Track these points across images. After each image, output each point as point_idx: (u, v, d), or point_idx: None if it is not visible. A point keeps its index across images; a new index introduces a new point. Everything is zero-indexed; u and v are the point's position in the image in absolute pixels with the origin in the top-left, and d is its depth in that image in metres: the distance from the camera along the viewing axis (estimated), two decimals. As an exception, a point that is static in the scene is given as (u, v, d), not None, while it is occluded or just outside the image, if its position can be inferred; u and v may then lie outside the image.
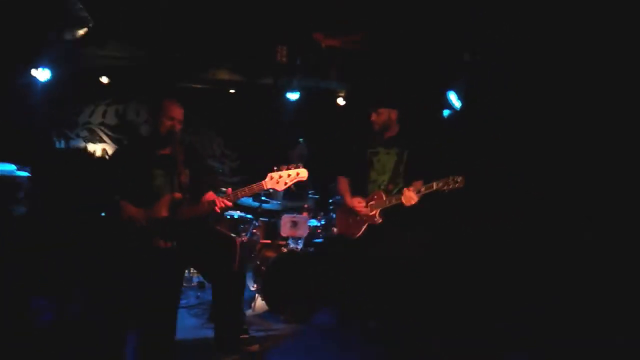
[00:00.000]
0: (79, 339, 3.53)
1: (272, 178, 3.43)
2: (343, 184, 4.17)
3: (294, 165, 3.46)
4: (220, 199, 3.47)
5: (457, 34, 4.63)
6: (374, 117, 4.01)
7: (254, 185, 3.43)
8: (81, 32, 5.23)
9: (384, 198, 3.88)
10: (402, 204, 3.72)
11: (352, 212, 4.00)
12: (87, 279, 3.75)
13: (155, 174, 3.54)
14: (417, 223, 3.89)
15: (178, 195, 3.44)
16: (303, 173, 3.45)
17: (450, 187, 3.55)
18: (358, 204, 3.96)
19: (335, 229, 5.66)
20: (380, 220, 3.89)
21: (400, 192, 3.78)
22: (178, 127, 3.55)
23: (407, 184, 3.79)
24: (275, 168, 3.45)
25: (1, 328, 3.43)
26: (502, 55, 4.52)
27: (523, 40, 4.32)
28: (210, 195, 3.64)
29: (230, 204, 3.48)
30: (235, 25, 4.93)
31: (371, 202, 3.93)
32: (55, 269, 4.17)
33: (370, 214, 3.91)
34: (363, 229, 3.96)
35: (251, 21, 4.85)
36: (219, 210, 3.44)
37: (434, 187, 3.61)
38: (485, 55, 4.66)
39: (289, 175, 3.43)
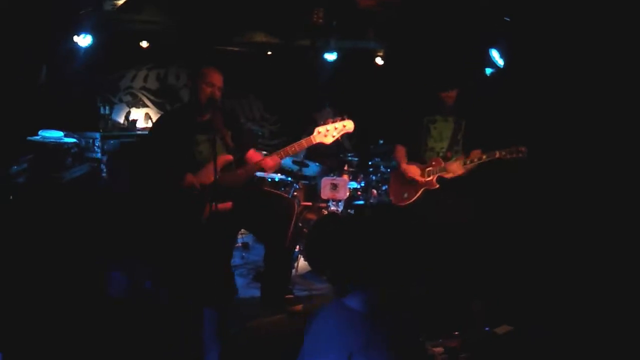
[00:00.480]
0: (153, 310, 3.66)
1: (319, 132, 3.47)
2: (400, 151, 4.19)
3: (340, 118, 3.49)
4: (271, 156, 3.51)
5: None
6: (445, 97, 3.98)
7: (303, 141, 3.47)
8: (119, 2, 5.26)
9: (442, 164, 3.92)
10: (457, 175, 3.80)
11: (407, 178, 4.05)
12: (154, 251, 3.83)
13: (198, 139, 3.57)
14: (472, 190, 3.92)
15: (228, 157, 3.50)
16: (349, 125, 3.49)
17: (514, 155, 3.61)
18: (414, 170, 4.00)
19: (375, 191, 5.72)
20: (437, 186, 3.94)
21: (458, 160, 3.83)
22: (218, 93, 3.55)
23: (467, 152, 3.84)
24: (322, 123, 3.48)
25: (76, 297, 3.56)
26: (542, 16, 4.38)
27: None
28: (253, 154, 3.69)
29: (279, 160, 3.51)
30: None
31: (429, 169, 3.98)
32: (122, 240, 4.28)
33: (428, 179, 3.96)
34: (419, 194, 4.02)
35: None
36: (269, 167, 3.49)
37: (497, 155, 3.67)
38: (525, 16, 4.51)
39: (335, 128, 3.47)
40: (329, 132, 3.46)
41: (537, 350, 3.26)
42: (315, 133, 3.46)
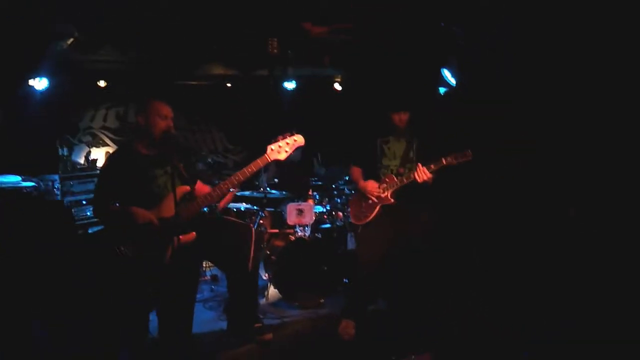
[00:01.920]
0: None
1: (272, 150, 3.49)
2: (356, 171, 4.35)
3: (289, 134, 3.52)
4: (229, 180, 3.50)
5: (446, 12, 4.64)
6: (397, 119, 4.15)
7: (258, 160, 3.48)
8: (68, 42, 5.25)
9: (395, 180, 4.07)
10: (414, 181, 3.90)
11: (365, 196, 4.19)
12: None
13: (157, 173, 3.55)
14: (428, 202, 4.09)
15: (186, 188, 3.46)
16: (300, 139, 3.53)
17: (460, 160, 3.78)
18: (371, 187, 4.14)
19: (340, 214, 5.76)
20: (393, 201, 4.07)
21: (409, 174, 3.96)
22: (171, 124, 3.55)
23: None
24: (273, 140, 3.50)
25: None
26: (492, 30, 4.54)
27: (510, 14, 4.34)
28: (201, 186, 3.68)
29: (241, 179, 3.50)
30: (223, 19, 4.94)
31: (383, 185, 4.12)
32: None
33: (383, 195, 4.09)
34: (376, 211, 4.15)
35: (240, 14, 4.85)
36: (229, 190, 3.50)
37: (444, 162, 3.82)
38: (476, 31, 4.67)
39: (287, 144, 3.50)
40: (281, 148, 3.49)
41: None
42: (268, 151, 3.48)
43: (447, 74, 5.28)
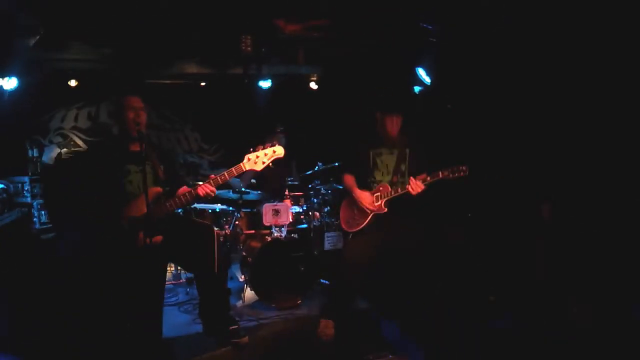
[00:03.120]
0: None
1: (249, 159, 3.48)
2: (349, 179, 4.31)
3: (270, 144, 3.51)
4: (203, 184, 3.48)
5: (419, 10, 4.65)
6: (389, 125, 4.13)
7: (233, 169, 3.47)
8: (33, 40, 5.13)
9: (389, 189, 4.06)
10: (408, 192, 3.90)
11: (358, 204, 4.17)
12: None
13: (130, 169, 3.53)
14: (421, 212, 4.11)
15: (158, 189, 3.46)
16: (279, 150, 3.52)
17: (456, 175, 3.77)
18: (365, 197, 4.12)
19: (317, 214, 5.73)
20: (386, 210, 4.07)
21: (404, 184, 3.96)
22: (142, 115, 3.52)
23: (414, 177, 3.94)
24: (251, 149, 3.49)
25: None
26: (466, 28, 4.57)
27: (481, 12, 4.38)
28: (184, 189, 3.65)
29: (213, 188, 3.49)
30: (196, 16, 4.87)
31: (376, 194, 4.11)
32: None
33: (377, 204, 4.08)
34: (369, 219, 4.14)
35: (213, 11, 4.79)
36: (203, 195, 3.46)
37: (440, 176, 3.82)
38: (450, 29, 4.69)
39: (265, 154, 3.50)
40: (258, 159, 3.49)
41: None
42: (245, 160, 3.49)
43: (421, 72, 5.28)
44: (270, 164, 3.55)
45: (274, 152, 3.50)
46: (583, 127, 4.08)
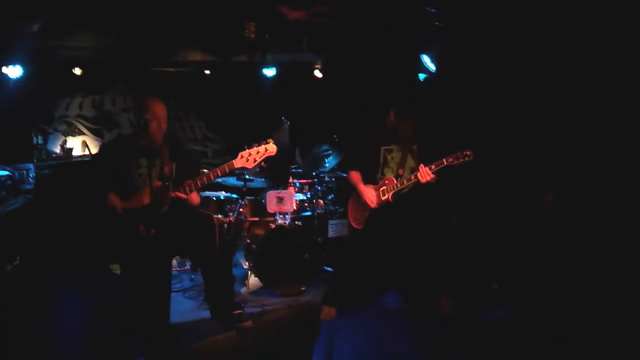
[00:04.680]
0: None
1: (242, 157, 3.52)
2: (355, 175, 4.29)
3: (264, 142, 3.53)
4: (193, 181, 3.51)
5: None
6: (404, 126, 4.12)
7: (225, 165, 3.53)
8: (36, 26, 5.13)
9: (395, 182, 4.03)
10: (418, 181, 3.87)
11: (362, 200, 4.16)
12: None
13: (140, 163, 3.59)
14: (425, 204, 4.06)
15: (157, 183, 3.49)
16: (271, 148, 3.54)
17: (460, 160, 3.72)
18: (370, 193, 4.11)
19: (321, 202, 5.73)
20: (391, 200, 4.03)
21: (410, 176, 3.92)
22: (163, 125, 3.59)
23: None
24: (246, 147, 3.52)
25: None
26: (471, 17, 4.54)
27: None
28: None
29: (186, 196, 3.52)
30: (200, 3, 4.85)
31: (382, 188, 4.09)
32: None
33: (383, 198, 4.06)
34: None
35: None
36: (185, 197, 3.49)
37: (445, 163, 3.77)
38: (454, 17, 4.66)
39: (257, 152, 3.52)
40: (250, 157, 3.52)
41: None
42: (238, 157, 3.53)
43: (426, 60, 5.25)
44: (263, 163, 3.64)
45: (266, 149, 3.52)
46: (589, 117, 4.06)
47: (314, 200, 5.71)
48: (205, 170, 3.73)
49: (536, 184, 4.45)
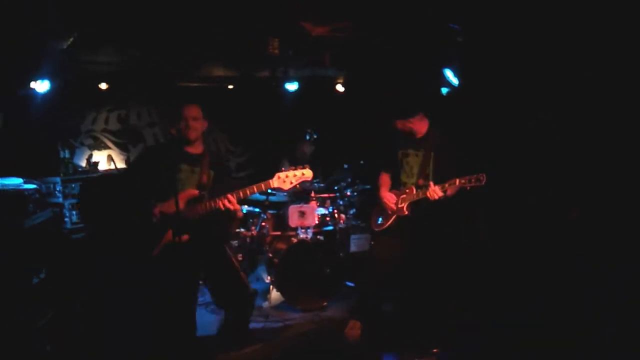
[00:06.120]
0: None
1: (279, 178, 3.60)
2: (383, 178, 4.39)
3: (301, 167, 3.62)
4: (223, 199, 3.55)
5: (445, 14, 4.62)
6: (402, 125, 4.18)
7: (262, 184, 3.59)
8: (67, 42, 5.23)
9: (414, 192, 4.06)
10: (427, 198, 3.90)
11: (382, 205, 4.26)
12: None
13: (181, 167, 3.71)
14: (443, 215, 4.10)
15: (194, 191, 3.60)
16: (308, 174, 3.62)
17: (473, 184, 3.70)
18: (389, 198, 4.19)
19: (343, 216, 5.72)
20: (407, 213, 4.09)
21: (426, 189, 3.93)
22: (192, 124, 3.73)
23: (435, 183, 3.92)
24: (283, 169, 3.62)
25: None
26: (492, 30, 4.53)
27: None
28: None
29: (230, 205, 3.56)
30: (224, 19, 4.91)
31: (402, 196, 4.15)
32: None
33: (400, 206, 4.12)
34: (391, 221, 4.19)
35: (240, 15, 4.83)
36: (222, 208, 3.53)
37: (457, 184, 3.76)
38: (476, 31, 4.65)
39: (295, 176, 3.60)
40: (287, 179, 3.59)
41: None
42: (275, 177, 3.60)
43: (449, 74, 5.23)
44: (298, 186, 3.70)
45: (303, 174, 3.60)
46: (615, 130, 3.99)
47: (336, 215, 5.71)
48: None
49: (565, 197, 4.37)
